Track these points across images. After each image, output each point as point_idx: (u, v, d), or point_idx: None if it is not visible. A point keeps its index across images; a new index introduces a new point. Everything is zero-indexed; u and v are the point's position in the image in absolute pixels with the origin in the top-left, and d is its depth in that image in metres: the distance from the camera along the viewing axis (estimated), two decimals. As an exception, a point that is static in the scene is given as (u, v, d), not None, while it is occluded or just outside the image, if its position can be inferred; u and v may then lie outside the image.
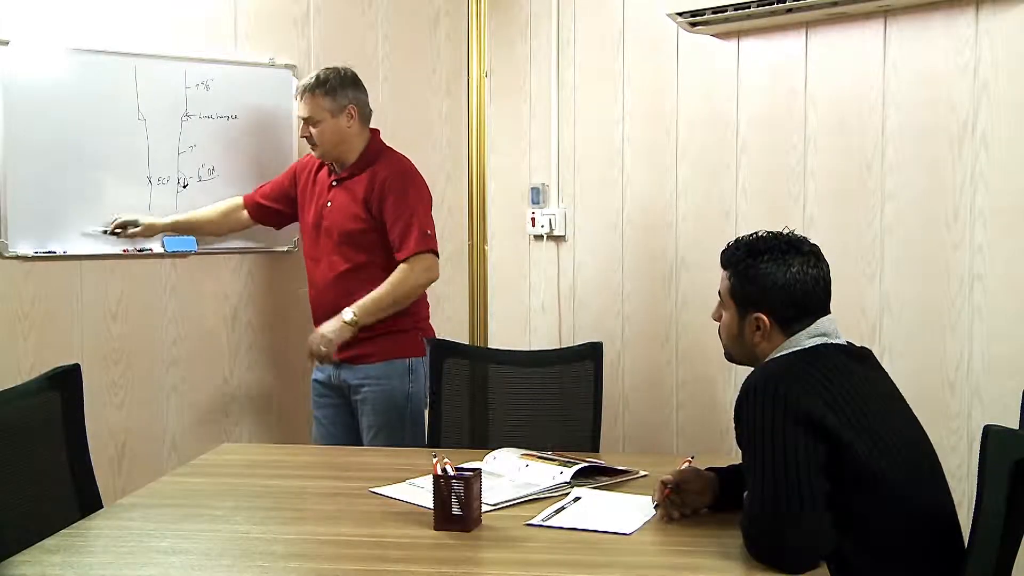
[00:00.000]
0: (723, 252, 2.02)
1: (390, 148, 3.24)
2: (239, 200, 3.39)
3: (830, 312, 1.97)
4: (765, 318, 1.92)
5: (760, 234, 1.99)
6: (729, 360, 2.08)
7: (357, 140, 3.17)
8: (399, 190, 3.09)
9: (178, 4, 3.46)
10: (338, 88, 3.13)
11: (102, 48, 3.30)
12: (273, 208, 3.35)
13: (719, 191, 3.36)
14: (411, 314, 3.12)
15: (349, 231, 3.09)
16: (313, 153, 3.19)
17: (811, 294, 1.92)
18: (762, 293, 1.92)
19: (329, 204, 3.14)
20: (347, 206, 3.10)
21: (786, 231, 2.00)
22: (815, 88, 3.13)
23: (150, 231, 3.28)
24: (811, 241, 2.01)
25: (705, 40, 3.36)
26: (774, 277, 1.91)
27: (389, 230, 3.07)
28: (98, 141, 3.30)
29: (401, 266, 3.04)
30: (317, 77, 3.13)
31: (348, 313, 2.98)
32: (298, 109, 3.16)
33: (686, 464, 2.07)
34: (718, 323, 2.05)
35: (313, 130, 3.11)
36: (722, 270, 2.02)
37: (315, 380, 3.27)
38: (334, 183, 3.16)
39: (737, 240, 2.01)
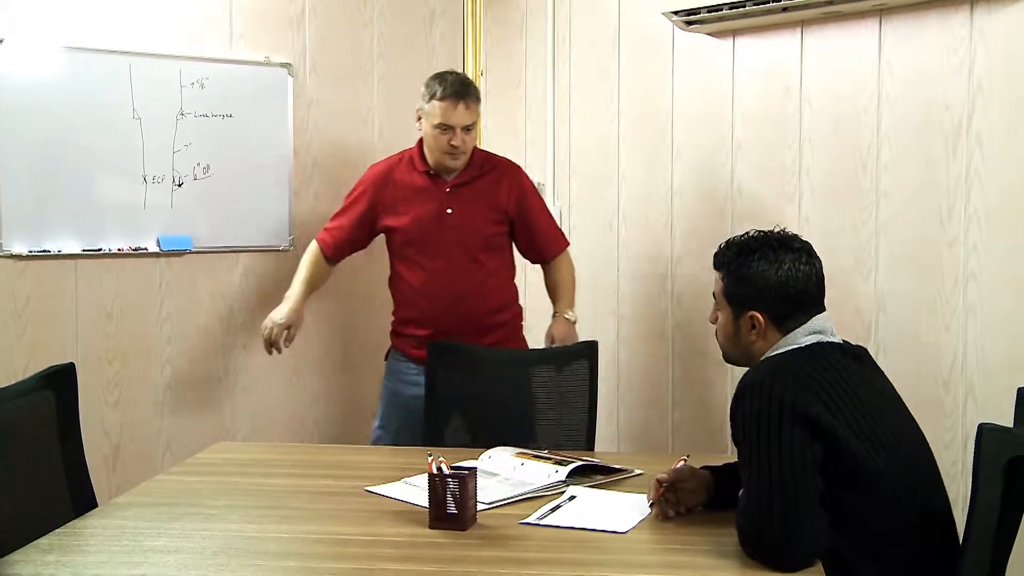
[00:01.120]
0: (715, 254, 2.03)
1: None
2: (316, 248, 3.23)
3: (824, 308, 1.98)
4: (760, 316, 1.92)
5: (751, 233, 2.00)
6: (728, 361, 2.08)
7: None
8: (531, 188, 3.18)
9: (173, 2, 3.46)
10: (479, 92, 3.10)
11: (97, 46, 3.30)
12: (356, 246, 3.26)
13: (714, 189, 3.36)
14: (518, 305, 3.23)
15: (488, 235, 3.07)
16: (453, 163, 3.03)
17: (804, 290, 1.93)
18: (756, 291, 1.93)
19: (450, 211, 3.04)
20: (479, 211, 3.06)
21: (777, 229, 2.01)
22: (810, 87, 3.13)
23: (299, 316, 3.11)
24: (802, 238, 2.01)
25: (700, 39, 3.36)
26: (766, 275, 1.92)
27: (533, 228, 3.13)
28: (93, 139, 3.30)
29: (563, 258, 3.20)
30: (464, 82, 3.04)
31: (571, 313, 3.11)
32: (452, 116, 2.97)
33: (681, 463, 2.07)
34: (715, 325, 2.06)
35: (466, 137, 3.01)
36: (715, 272, 2.03)
37: (401, 394, 3.18)
38: (449, 189, 3.06)
39: (728, 241, 2.02)
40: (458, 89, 2.97)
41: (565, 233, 3.32)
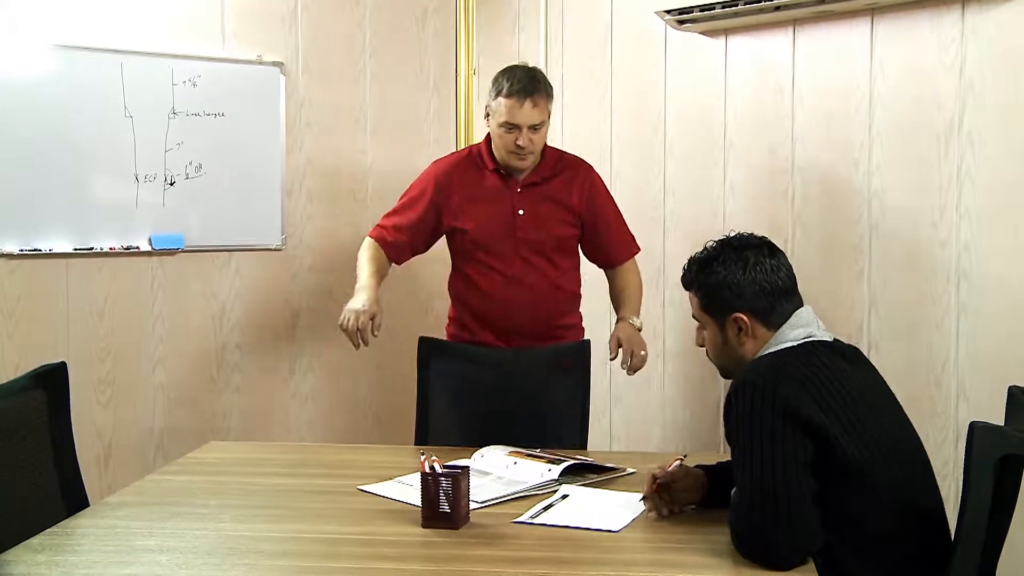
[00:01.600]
0: (681, 277, 2.05)
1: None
2: (375, 244, 2.97)
3: (803, 301, 1.98)
4: (744, 316, 1.93)
5: (707, 245, 2.02)
6: (726, 376, 2.05)
7: None
8: (603, 189, 2.98)
9: (165, 0, 3.45)
10: (551, 87, 2.88)
11: (88, 44, 3.29)
12: (416, 251, 3.03)
13: (707, 188, 3.36)
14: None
15: (561, 237, 2.90)
16: (519, 164, 2.84)
17: (777, 281, 1.94)
18: (731, 294, 1.94)
19: (522, 212, 2.86)
20: (552, 212, 2.89)
21: (731, 233, 2.03)
22: (802, 86, 3.13)
23: (378, 304, 2.76)
24: (759, 235, 2.02)
25: (693, 38, 3.36)
26: (736, 276, 1.93)
27: (605, 231, 2.96)
28: (84, 138, 3.29)
29: (632, 264, 3.00)
30: (534, 78, 2.81)
31: (636, 320, 2.89)
32: (518, 115, 2.76)
33: (677, 462, 2.07)
34: (703, 347, 2.06)
35: (534, 136, 2.79)
36: (687, 293, 2.04)
37: None
38: (519, 189, 2.88)
39: (688, 260, 2.04)
40: (525, 85, 2.76)
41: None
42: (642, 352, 2.79)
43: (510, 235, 2.86)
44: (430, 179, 2.96)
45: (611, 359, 2.81)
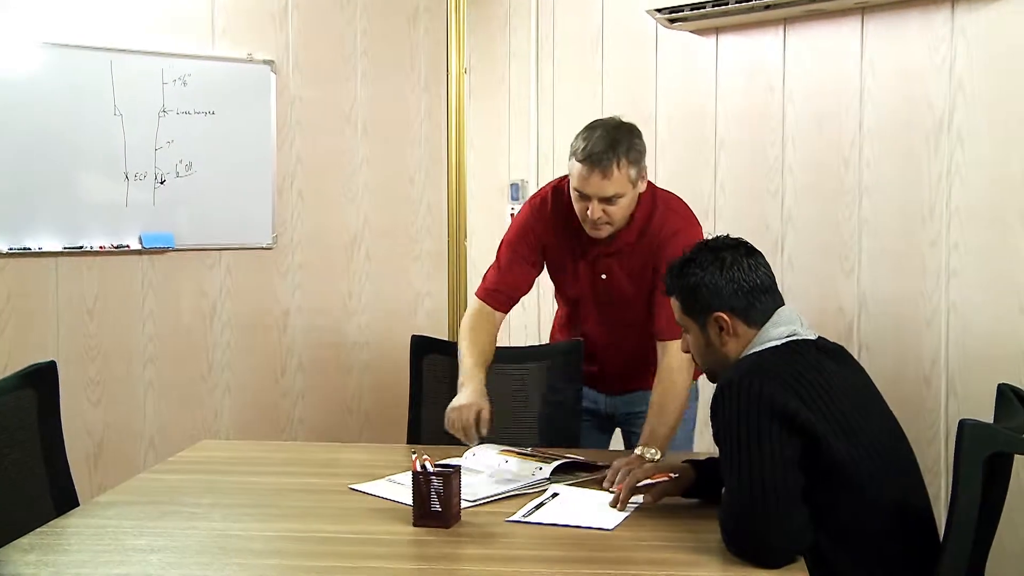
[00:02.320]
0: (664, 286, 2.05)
1: (653, 187, 2.55)
2: (482, 308, 2.64)
3: (783, 300, 1.99)
4: (724, 315, 1.93)
5: (684, 250, 2.02)
6: (712, 380, 2.02)
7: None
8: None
9: (155, -2, 3.44)
10: (643, 150, 2.42)
11: (77, 43, 3.28)
12: (529, 288, 2.69)
13: (698, 186, 3.37)
14: None
15: (640, 302, 2.52)
16: (595, 234, 2.44)
17: (755, 279, 1.95)
18: (710, 294, 1.94)
19: (604, 276, 2.53)
20: (635, 282, 2.51)
21: (707, 236, 2.04)
22: (793, 84, 3.14)
23: (483, 395, 2.46)
24: (735, 236, 2.03)
25: (684, 36, 3.37)
26: (713, 276, 1.94)
27: (658, 303, 2.41)
28: (73, 137, 3.28)
29: (678, 358, 2.35)
30: (615, 141, 2.34)
31: (650, 451, 2.29)
32: (588, 185, 2.35)
33: (664, 479, 2.06)
34: (688, 352, 2.07)
35: (611, 208, 2.37)
36: (670, 299, 2.04)
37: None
38: (600, 255, 2.52)
39: (668, 266, 2.04)
40: (599, 151, 2.32)
41: None
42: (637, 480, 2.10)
43: (593, 296, 2.59)
44: (531, 220, 2.61)
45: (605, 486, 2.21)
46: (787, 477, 1.72)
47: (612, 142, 2.33)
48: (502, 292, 2.62)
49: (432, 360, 2.92)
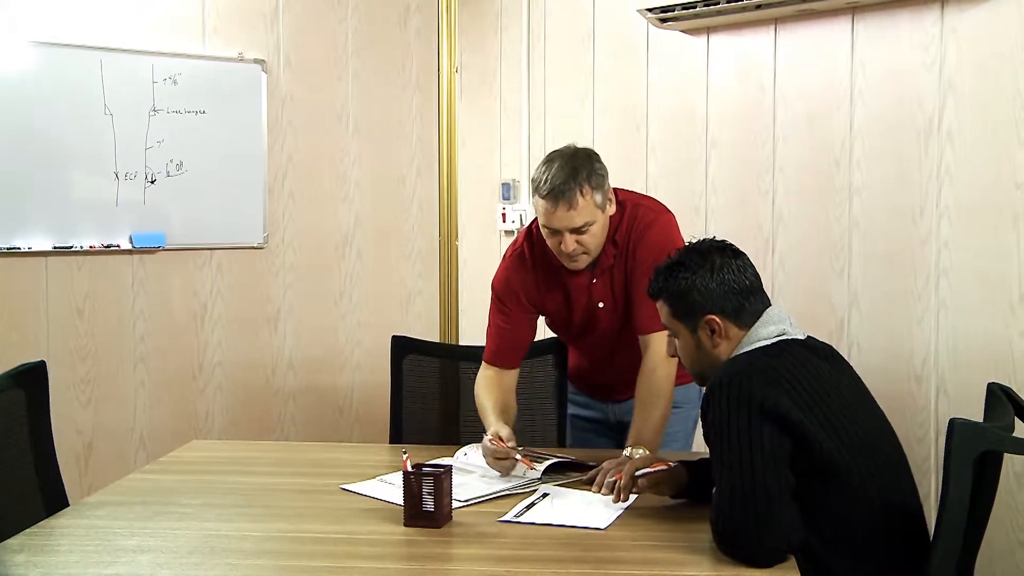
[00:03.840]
0: (648, 288, 2.04)
1: (625, 198, 2.49)
2: (492, 373, 2.55)
3: (771, 302, 1.99)
4: (716, 318, 1.93)
5: (671, 255, 2.02)
6: (702, 383, 2.02)
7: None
8: (648, 257, 2.38)
9: (145, -3, 3.43)
10: (604, 173, 2.37)
11: (67, 41, 3.27)
12: (531, 341, 2.64)
13: (689, 186, 3.37)
14: None
15: (626, 322, 2.50)
16: (574, 266, 2.40)
17: (744, 280, 1.95)
18: (701, 297, 1.94)
19: (602, 305, 2.47)
20: (617, 297, 2.47)
21: (691, 240, 2.04)
22: (784, 84, 3.15)
23: (506, 428, 2.36)
24: (720, 239, 2.03)
25: (675, 36, 3.37)
26: (701, 279, 1.94)
27: (638, 298, 2.39)
28: (64, 136, 3.27)
29: (662, 357, 2.30)
30: (574, 170, 2.29)
31: (638, 451, 2.26)
32: (553, 219, 2.30)
33: (662, 467, 2.06)
34: (675, 357, 2.07)
35: (583, 237, 2.33)
36: (657, 303, 2.03)
37: (575, 416, 2.78)
38: (594, 280, 2.46)
39: (654, 270, 2.03)
40: (556, 185, 2.27)
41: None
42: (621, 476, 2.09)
43: (592, 325, 2.53)
44: (512, 278, 2.54)
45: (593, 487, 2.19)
46: (777, 476, 1.72)
47: (572, 171, 2.29)
48: (504, 350, 2.56)
49: (411, 360, 2.91)
